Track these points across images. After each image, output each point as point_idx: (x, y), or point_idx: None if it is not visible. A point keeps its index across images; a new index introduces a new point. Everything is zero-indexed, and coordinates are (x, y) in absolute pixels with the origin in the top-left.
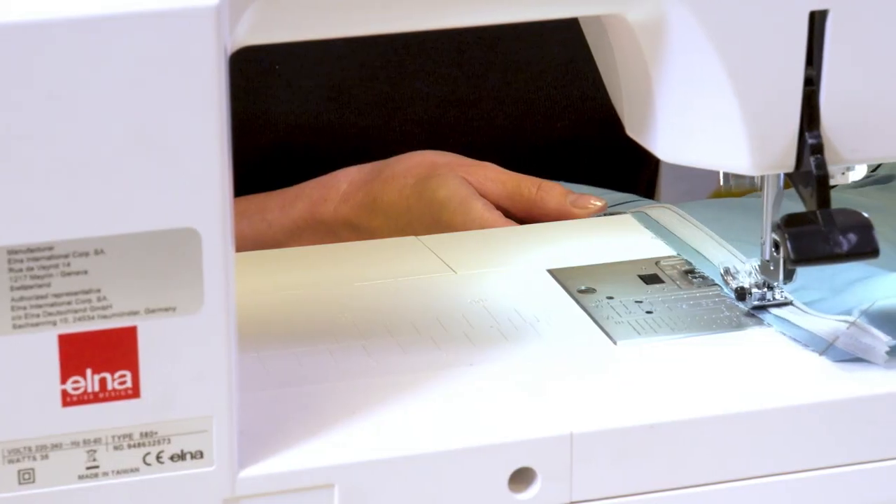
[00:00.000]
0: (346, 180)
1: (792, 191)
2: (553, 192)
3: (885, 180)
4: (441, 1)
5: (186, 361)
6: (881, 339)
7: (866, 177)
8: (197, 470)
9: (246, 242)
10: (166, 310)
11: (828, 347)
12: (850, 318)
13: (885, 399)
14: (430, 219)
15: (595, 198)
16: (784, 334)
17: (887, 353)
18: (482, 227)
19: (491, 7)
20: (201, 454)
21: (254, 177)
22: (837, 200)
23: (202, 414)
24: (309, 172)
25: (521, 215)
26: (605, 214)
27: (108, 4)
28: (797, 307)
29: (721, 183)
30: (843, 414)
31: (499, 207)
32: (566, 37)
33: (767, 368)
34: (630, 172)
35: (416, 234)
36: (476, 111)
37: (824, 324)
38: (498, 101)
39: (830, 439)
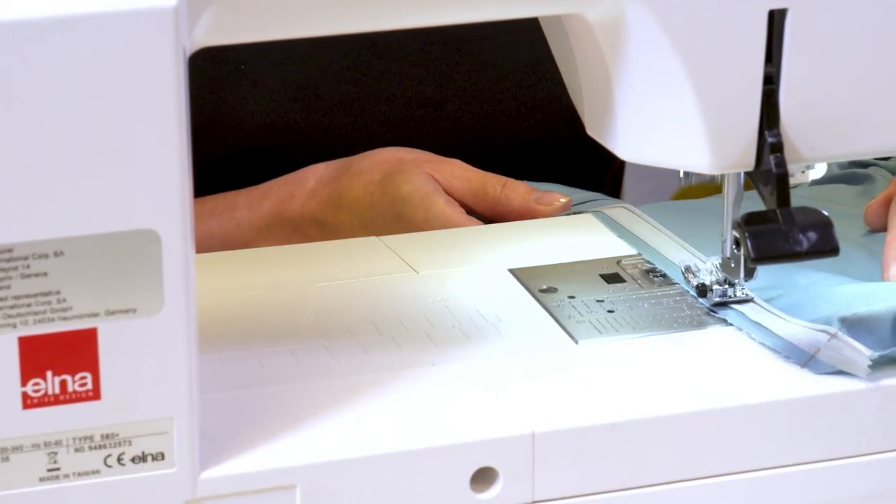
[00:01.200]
0: (314, 177)
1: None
2: (518, 190)
3: (850, 178)
4: (401, 1)
5: (147, 363)
6: (863, 353)
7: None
8: (158, 472)
9: (214, 241)
10: (126, 311)
11: (809, 360)
12: (832, 330)
13: (843, 397)
14: (392, 215)
15: (559, 195)
16: (764, 344)
17: (869, 366)
18: (444, 223)
19: (451, 7)
20: (162, 456)
21: (220, 176)
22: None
23: (163, 415)
24: (275, 172)
25: (486, 213)
26: (569, 213)
27: (65, 6)
28: (759, 304)
29: (681, 177)
30: (803, 412)
31: (464, 205)
32: (532, 37)
33: (728, 367)
34: (596, 172)
35: (379, 230)
36: (442, 111)
37: (804, 333)
38: (464, 102)
39: (790, 437)
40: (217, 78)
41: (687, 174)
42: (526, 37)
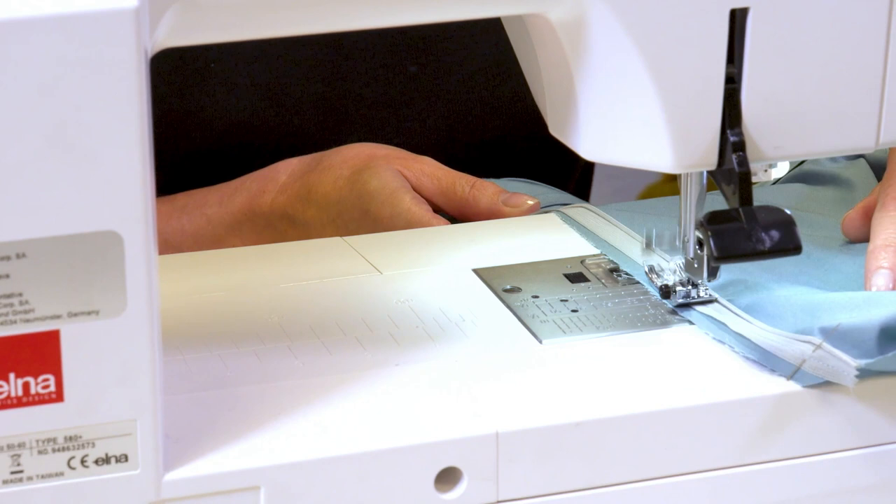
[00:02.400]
0: (286, 171)
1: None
2: (486, 191)
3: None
4: (362, 3)
5: (110, 365)
6: (849, 364)
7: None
8: (122, 473)
9: (186, 238)
10: (89, 313)
11: (795, 371)
12: (815, 340)
13: (806, 396)
14: (359, 210)
15: (528, 197)
16: (749, 358)
17: (856, 376)
18: (409, 220)
19: (413, 8)
20: (126, 457)
21: (190, 174)
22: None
23: (126, 417)
24: (245, 170)
25: (454, 213)
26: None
27: (25, 8)
28: (722, 305)
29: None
30: (766, 411)
31: (432, 203)
32: (497, 38)
33: (692, 366)
34: (562, 171)
35: (346, 225)
36: (408, 112)
37: (787, 343)
38: (430, 102)
39: (754, 436)
40: (187, 76)
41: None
42: (491, 37)
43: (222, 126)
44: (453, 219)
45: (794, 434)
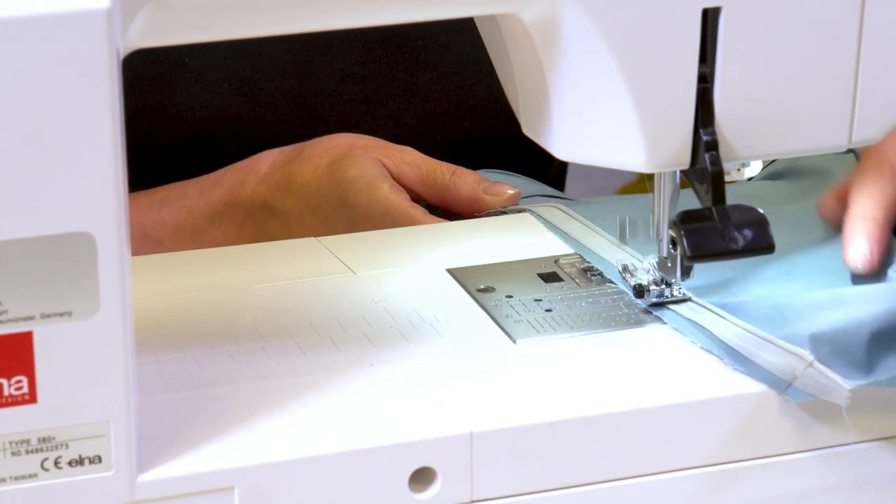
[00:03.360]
0: (266, 162)
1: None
2: (467, 179)
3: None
4: (333, 3)
5: (83, 366)
6: (842, 386)
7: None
8: (95, 475)
9: (166, 230)
10: (62, 314)
11: (787, 388)
12: (808, 357)
13: (779, 395)
14: (337, 199)
15: (508, 186)
16: (738, 370)
17: (847, 396)
18: (387, 208)
19: (385, 8)
20: (99, 459)
21: (163, 169)
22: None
23: (100, 418)
24: (219, 165)
25: (435, 201)
26: (510, 210)
27: None
28: (696, 303)
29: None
30: (741, 409)
31: (413, 192)
32: (472, 37)
33: (666, 365)
34: (537, 171)
35: (325, 214)
36: (383, 110)
37: (777, 356)
38: (404, 101)
39: (728, 435)
40: (161, 71)
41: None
42: (466, 37)
43: (196, 121)
44: (433, 208)
45: (769, 432)
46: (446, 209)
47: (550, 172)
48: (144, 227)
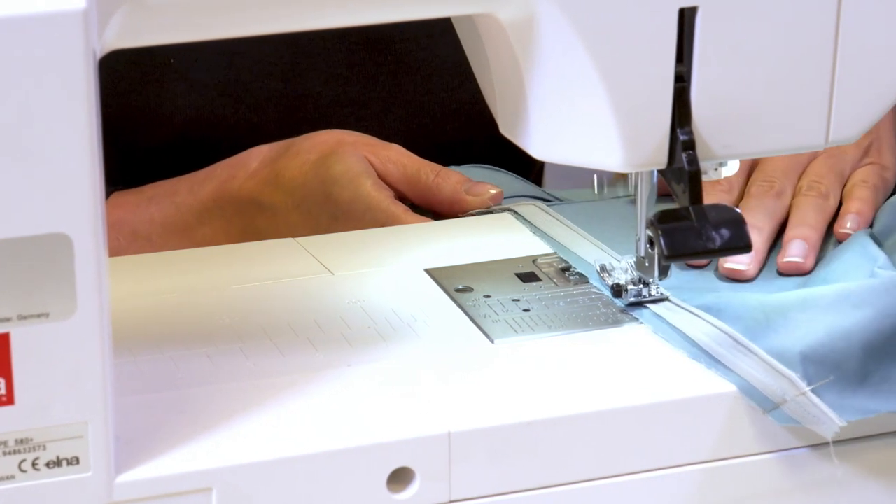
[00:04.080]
0: (257, 158)
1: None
2: (450, 179)
3: None
4: (309, 4)
5: (61, 367)
6: (834, 421)
7: None
8: (73, 476)
9: (155, 227)
10: (39, 316)
11: (773, 409)
12: (800, 385)
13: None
14: (322, 194)
15: (490, 186)
16: (736, 388)
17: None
18: (369, 205)
19: (362, 8)
20: (77, 460)
21: (149, 170)
22: None
23: (78, 420)
24: (205, 166)
25: (418, 201)
26: (491, 210)
27: None
28: (674, 303)
29: (595, 191)
30: (717, 409)
31: (397, 191)
32: (456, 39)
33: (643, 365)
34: (521, 173)
35: (309, 209)
36: (367, 111)
37: (767, 375)
38: (388, 103)
39: (705, 434)
40: (146, 72)
41: (600, 184)
42: (450, 39)
43: (181, 122)
44: (416, 207)
45: (746, 431)
46: (430, 209)
47: (533, 173)
48: (133, 225)
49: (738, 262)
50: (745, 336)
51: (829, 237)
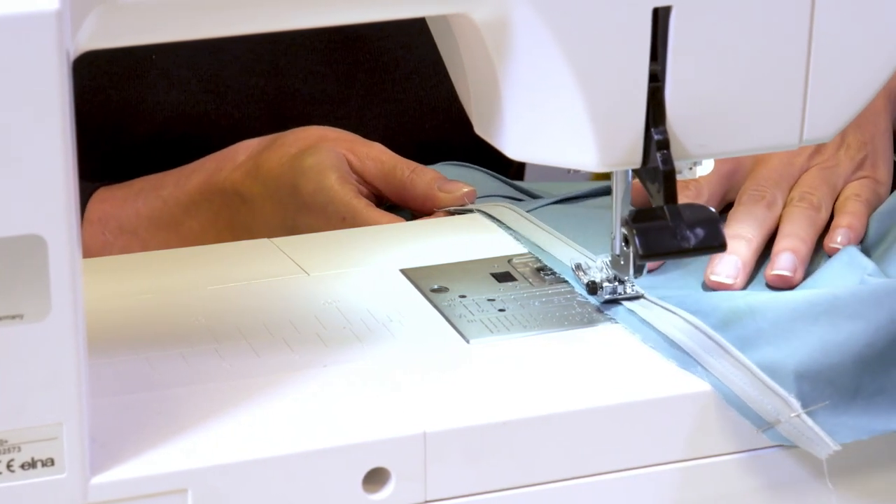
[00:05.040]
0: (245, 152)
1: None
2: (424, 176)
3: None
4: (283, 4)
5: (35, 368)
6: (828, 444)
7: None
8: (48, 477)
9: (141, 221)
10: (13, 317)
11: (768, 429)
12: (795, 406)
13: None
14: (291, 186)
15: (463, 184)
16: (720, 394)
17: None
18: (331, 198)
19: (336, 9)
20: (52, 462)
21: (132, 166)
22: None
23: (52, 421)
24: (186, 162)
25: (393, 197)
26: (465, 208)
27: None
28: (649, 300)
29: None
30: (692, 408)
31: (374, 188)
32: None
33: (618, 364)
34: (499, 171)
35: (281, 200)
36: (346, 109)
37: (762, 394)
38: (367, 101)
39: (680, 434)
40: (126, 68)
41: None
42: (428, 37)
43: (162, 118)
44: (391, 205)
45: (722, 430)
46: (404, 206)
47: (513, 169)
48: (119, 220)
49: (724, 276)
50: (735, 345)
51: (819, 251)
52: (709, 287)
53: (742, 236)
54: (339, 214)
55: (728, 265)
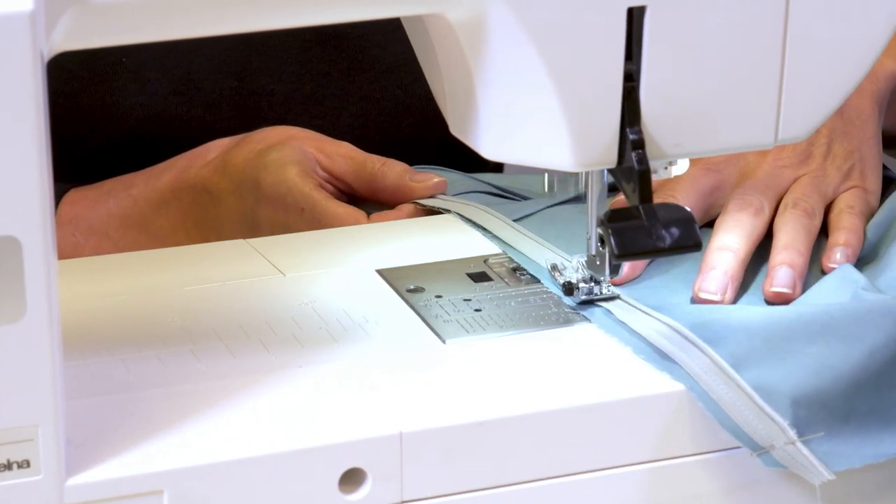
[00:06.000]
0: (216, 150)
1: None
2: (395, 167)
3: None
4: (258, 4)
5: (10, 370)
6: (822, 473)
7: None
8: (24, 479)
9: (112, 220)
10: None
11: (762, 453)
12: (790, 434)
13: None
14: (253, 180)
15: (435, 175)
16: (718, 424)
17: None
18: (289, 188)
19: (311, 10)
20: (28, 463)
21: (104, 169)
22: None
23: (28, 423)
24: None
25: (364, 191)
26: (443, 209)
27: None
28: (625, 301)
29: (545, 190)
30: (667, 409)
31: (344, 183)
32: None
33: (593, 364)
34: (475, 170)
35: (242, 194)
36: (320, 109)
37: (756, 420)
38: (342, 101)
39: (656, 434)
40: (98, 71)
41: (550, 185)
42: (403, 36)
43: (135, 120)
44: (362, 199)
45: (697, 430)
46: (376, 200)
47: (490, 167)
48: (90, 221)
49: (712, 293)
50: (728, 362)
51: (815, 259)
52: (697, 303)
53: (728, 248)
54: (298, 205)
55: (715, 280)
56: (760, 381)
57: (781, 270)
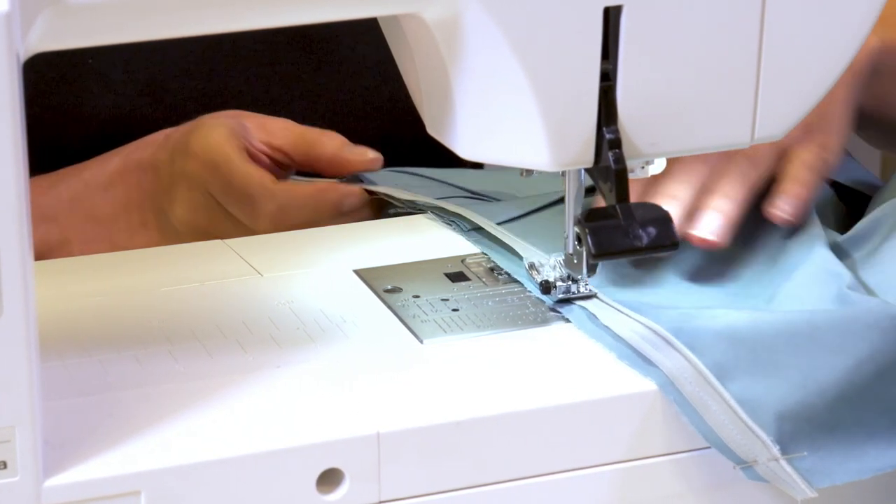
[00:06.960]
0: (164, 133)
1: None
2: (334, 139)
3: None
4: (232, 5)
5: None
6: (804, 490)
7: None
8: (1, 480)
9: (62, 205)
10: None
11: (745, 467)
12: (774, 451)
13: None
14: (183, 144)
15: (371, 150)
16: (705, 438)
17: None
18: (210, 145)
19: (285, 10)
20: (5, 465)
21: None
22: None
23: (4, 424)
24: None
25: (302, 160)
26: (419, 209)
27: None
28: (602, 300)
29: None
30: (644, 408)
31: (282, 152)
32: (378, 37)
33: (571, 364)
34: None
35: (173, 160)
36: (288, 111)
37: (740, 435)
38: (310, 101)
39: (633, 433)
40: (63, 72)
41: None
42: (373, 37)
43: (101, 122)
44: (300, 170)
45: (673, 429)
46: (312, 169)
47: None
48: (42, 208)
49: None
50: (712, 372)
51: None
52: (650, 270)
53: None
54: (213, 161)
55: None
56: (745, 394)
57: (710, 215)
